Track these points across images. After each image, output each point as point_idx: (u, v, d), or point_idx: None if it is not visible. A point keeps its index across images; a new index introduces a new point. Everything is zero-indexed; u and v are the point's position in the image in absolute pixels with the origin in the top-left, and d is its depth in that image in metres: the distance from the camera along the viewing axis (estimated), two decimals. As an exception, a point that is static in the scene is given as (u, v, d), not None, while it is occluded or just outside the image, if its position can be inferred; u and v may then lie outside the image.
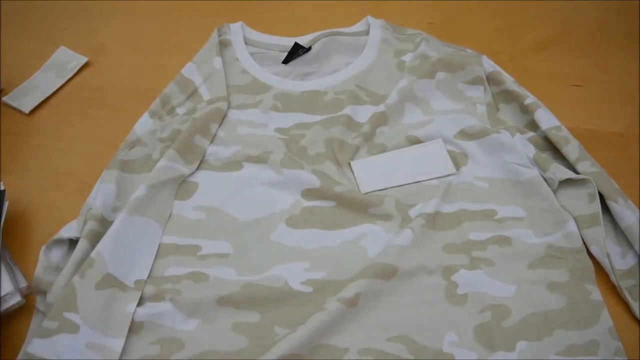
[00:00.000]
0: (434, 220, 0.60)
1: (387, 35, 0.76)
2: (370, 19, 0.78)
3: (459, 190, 0.62)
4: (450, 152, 0.65)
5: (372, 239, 0.59)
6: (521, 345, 0.52)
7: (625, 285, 0.56)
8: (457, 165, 0.64)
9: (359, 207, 0.61)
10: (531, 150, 0.63)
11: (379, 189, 0.63)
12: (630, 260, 0.57)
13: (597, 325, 0.53)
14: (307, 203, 0.62)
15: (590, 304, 0.54)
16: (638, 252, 0.57)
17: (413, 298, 0.55)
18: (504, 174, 0.63)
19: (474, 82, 0.70)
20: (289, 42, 0.76)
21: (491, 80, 0.70)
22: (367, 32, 0.77)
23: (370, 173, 0.64)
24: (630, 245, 0.58)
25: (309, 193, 0.63)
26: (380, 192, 0.63)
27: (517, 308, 0.54)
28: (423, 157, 0.65)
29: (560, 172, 0.61)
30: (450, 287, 0.56)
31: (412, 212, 0.61)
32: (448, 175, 0.63)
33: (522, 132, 0.65)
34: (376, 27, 0.77)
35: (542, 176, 0.62)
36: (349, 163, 0.65)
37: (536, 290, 0.55)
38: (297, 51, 0.75)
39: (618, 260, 0.57)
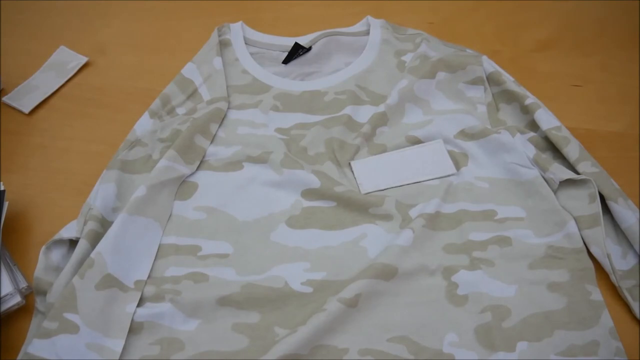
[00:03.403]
0: (435, 221, 0.60)
1: (388, 35, 0.76)
2: (370, 19, 0.77)
3: (460, 190, 0.62)
4: (450, 152, 0.65)
5: (372, 240, 0.59)
6: (522, 345, 0.52)
7: (625, 285, 0.56)
8: (458, 165, 0.64)
9: (359, 207, 0.61)
10: (531, 151, 0.63)
11: (379, 189, 0.63)
12: (630, 261, 0.57)
13: (597, 325, 0.53)
14: (307, 203, 0.62)
15: (591, 304, 0.54)
16: (638, 252, 0.57)
17: (413, 298, 0.55)
18: (505, 174, 0.63)
19: (475, 82, 0.70)
20: (289, 42, 0.76)
21: (491, 80, 0.70)
22: (367, 32, 0.77)
23: (370, 173, 0.64)
24: (630, 245, 0.58)
25: (309, 193, 0.63)
26: (380, 193, 0.63)
27: (517, 308, 0.54)
28: (423, 157, 0.65)
29: (561, 172, 0.61)
30: (451, 287, 0.56)
31: (413, 212, 0.61)
32: (448, 176, 0.63)
33: (522, 132, 0.65)
34: (376, 27, 0.76)
35: (543, 176, 0.62)
36: (349, 163, 0.65)
37: (537, 291, 0.55)
38: (297, 51, 0.75)
39: (619, 260, 0.57)
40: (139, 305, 0.55)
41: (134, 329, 0.54)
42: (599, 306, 0.54)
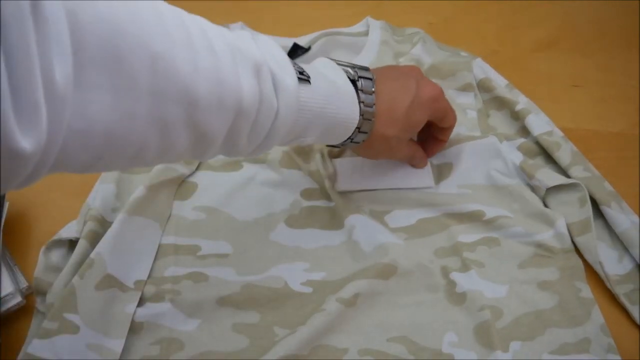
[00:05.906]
0: (418, 228, 0.60)
1: (387, 36, 0.76)
2: (370, 20, 0.77)
3: (442, 197, 0.62)
4: (433, 165, 0.64)
5: (361, 230, 0.58)
6: (515, 345, 0.52)
7: (623, 290, 0.55)
8: (440, 176, 0.64)
9: (348, 200, 0.61)
10: (518, 157, 0.63)
11: (353, 189, 0.63)
12: (627, 265, 0.57)
13: (588, 322, 0.53)
14: (306, 203, 0.62)
15: (581, 301, 0.54)
16: (637, 257, 0.56)
17: (412, 298, 0.55)
18: (488, 181, 0.63)
19: (465, 88, 0.70)
20: (288, 43, 0.76)
21: (482, 87, 0.70)
22: (366, 33, 0.76)
23: (349, 173, 0.64)
24: (626, 248, 0.58)
25: (309, 193, 0.63)
26: (356, 193, 0.62)
27: (509, 308, 0.54)
28: (404, 165, 0.64)
29: (547, 178, 0.61)
30: (450, 286, 0.56)
31: (388, 218, 0.61)
32: (425, 188, 0.63)
33: (511, 139, 0.65)
34: (376, 28, 0.76)
35: (529, 184, 0.62)
36: (332, 160, 0.65)
37: (527, 290, 0.55)
38: (296, 51, 0.75)
39: (615, 264, 0.57)
40: (139, 305, 0.55)
41: (134, 329, 0.54)
42: (589, 303, 0.54)
